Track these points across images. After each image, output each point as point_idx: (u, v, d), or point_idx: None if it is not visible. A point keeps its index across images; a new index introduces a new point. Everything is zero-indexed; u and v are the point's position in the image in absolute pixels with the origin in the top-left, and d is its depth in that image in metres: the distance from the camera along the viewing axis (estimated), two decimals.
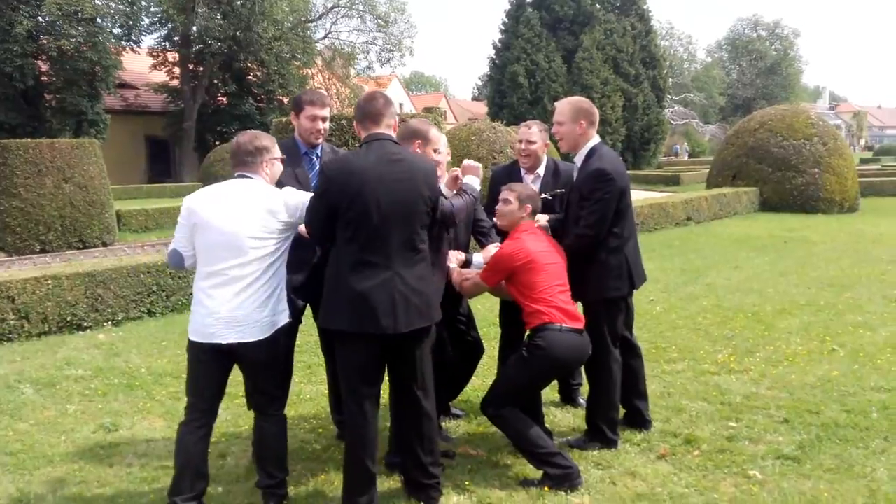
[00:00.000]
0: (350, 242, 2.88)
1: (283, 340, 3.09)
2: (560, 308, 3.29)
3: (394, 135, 3.07)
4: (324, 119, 3.58)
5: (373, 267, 2.86)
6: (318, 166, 3.60)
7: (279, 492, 3.11)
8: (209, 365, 2.99)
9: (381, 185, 2.85)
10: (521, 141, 4.05)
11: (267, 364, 3.03)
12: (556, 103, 3.81)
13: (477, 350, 4.01)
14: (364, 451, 2.96)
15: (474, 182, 3.31)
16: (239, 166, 3.08)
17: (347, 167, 2.90)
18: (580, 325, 3.35)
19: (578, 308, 3.51)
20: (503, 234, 3.64)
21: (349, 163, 2.93)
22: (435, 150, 3.42)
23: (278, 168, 3.16)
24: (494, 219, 3.64)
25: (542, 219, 3.73)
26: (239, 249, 2.91)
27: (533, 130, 4.05)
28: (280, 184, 3.21)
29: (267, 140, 3.10)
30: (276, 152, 3.13)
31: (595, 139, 3.68)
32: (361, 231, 2.86)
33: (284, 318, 3.04)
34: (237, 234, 2.91)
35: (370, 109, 3.01)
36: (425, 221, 3.00)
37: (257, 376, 3.06)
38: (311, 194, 3.04)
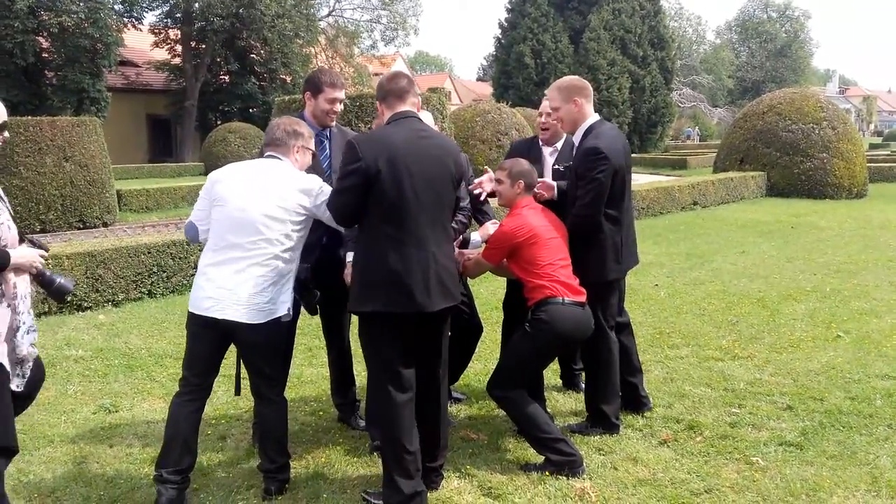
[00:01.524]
0: (384, 222, 2.79)
1: (283, 324, 3.00)
2: (562, 282, 3.26)
3: (419, 113, 3.03)
4: (341, 101, 3.53)
5: (408, 246, 2.80)
6: (327, 148, 3.56)
7: (280, 476, 3.09)
8: (203, 339, 2.95)
9: (414, 163, 2.80)
10: (541, 113, 3.94)
11: (264, 347, 2.97)
12: (546, 91, 3.72)
13: (476, 332, 3.98)
14: (410, 433, 2.90)
15: None
16: (270, 146, 3.05)
17: (380, 143, 2.81)
18: (582, 299, 3.32)
19: None
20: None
21: (381, 139, 2.84)
22: None
23: (309, 159, 3.13)
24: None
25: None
26: (252, 228, 2.87)
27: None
28: None
29: (304, 128, 3.10)
30: (311, 143, 3.11)
31: (593, 117, 3.59)
32: (395, 209, 2.78)
33: (283, 310, 2.95)
34: (252, 213, 2.87)
35: (395, 87, 2.96)
36: (453, 200, 3.00)
37: (255, 359, 3.00)
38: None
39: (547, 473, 3.19)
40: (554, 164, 3.92)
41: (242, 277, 2.86)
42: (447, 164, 2.91)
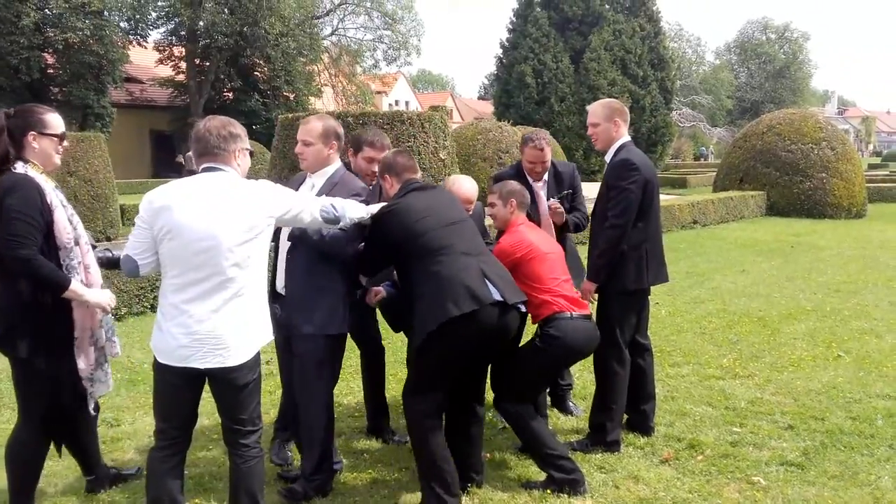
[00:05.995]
0: (427, 257, 3.01)
1: (260, 359, 2.73)
2: (567, 297, 3.31)
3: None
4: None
5: (462, 256, 3.04)
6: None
7: None
8: (180, 390, 2.66)
9: (443, 215, 3.11)
10: (533, 163, 4.07)
11: (246, 387, 2.64)
12: (588, 107, 3.96)
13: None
14: (446, 447, 3.08)
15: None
16: (206, 156, 2.64)
17: (410, 211, 3.08)
18: (588, 312, 3.39)
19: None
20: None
21: (411, 206, 3.09)
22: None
23: (247, 162, 2.77)
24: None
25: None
26: (220, 257, 2.51)
27: (546, 151, 4.09)
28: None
29: (238, 127, 2.74)
30: (247, 143, 2.77)
31: (626, 137, 3.80)
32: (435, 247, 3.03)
33: (269, 337, 2.73)
34: (218, 239, 2.51)
35: (408, 162, 3.27)
36: (476, 232, 3.32)
37: (234, 402, 2.65)
38: (327, 201, 2.94)
39: (549, 491, 3.19)
40: (548, 199, 4.06)
41: (222, 317, 2.54)
42: (458, 207, 3.31)
